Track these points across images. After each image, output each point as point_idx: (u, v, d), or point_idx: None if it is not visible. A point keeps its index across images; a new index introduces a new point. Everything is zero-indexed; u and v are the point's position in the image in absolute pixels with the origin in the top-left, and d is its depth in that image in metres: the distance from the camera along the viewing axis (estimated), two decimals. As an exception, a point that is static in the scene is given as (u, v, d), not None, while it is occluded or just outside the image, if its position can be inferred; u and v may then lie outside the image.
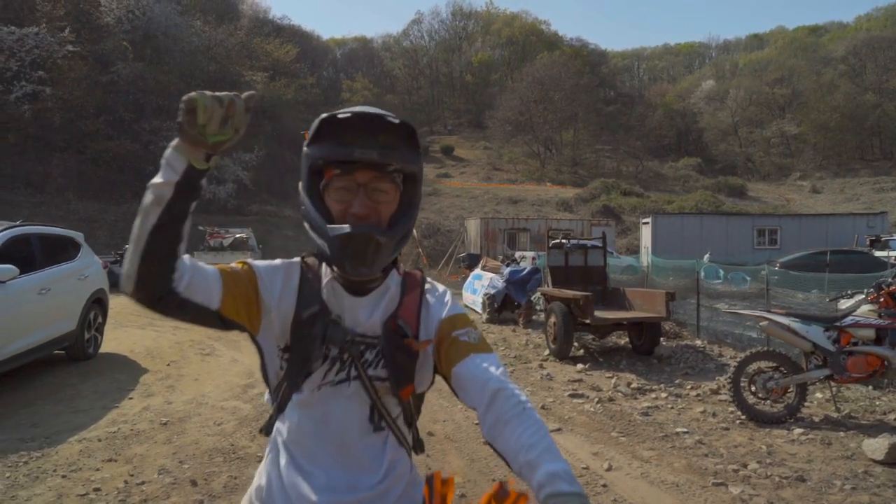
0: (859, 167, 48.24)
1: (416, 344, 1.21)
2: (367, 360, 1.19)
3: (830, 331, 5.09)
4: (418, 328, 1.23)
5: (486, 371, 1.14)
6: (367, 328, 1.20)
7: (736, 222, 25.49)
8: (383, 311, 1.22)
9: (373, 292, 1.23)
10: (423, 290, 1.29)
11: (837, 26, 66.72)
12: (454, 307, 1.28)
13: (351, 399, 1.19)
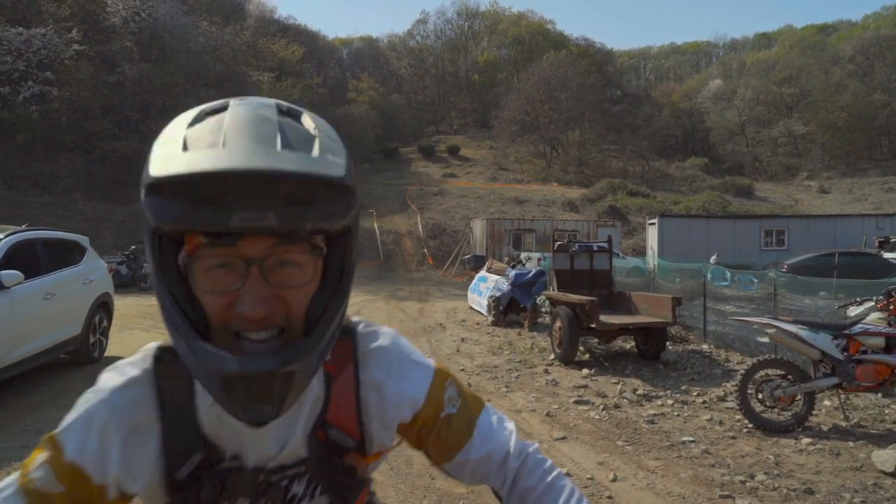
0: (868, 167, 47.93)
1: (363, 461, 0.89)
2: (295, 496, 0.85)
3: (839, 339, 5.02)
4: (362, 429, 0.87)
5: (498, 443, 0.93)
6: (286, 457, 0.83)
7: (743, 223, 25.38)
8: (304, 425, 0.84)
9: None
10: (358, 362, 0.89)
11: (846, 25, 66.32)
12: (421, 370, 0.92)
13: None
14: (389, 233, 28.44)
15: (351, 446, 0.86)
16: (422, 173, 44.99)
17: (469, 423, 0.92)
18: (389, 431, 0.90)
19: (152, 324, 11.04)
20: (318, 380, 0.85)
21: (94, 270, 7.56)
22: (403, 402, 0.89)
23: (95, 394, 0.80)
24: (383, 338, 0.92)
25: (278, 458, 0.82)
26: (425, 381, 0.91)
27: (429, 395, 0.90)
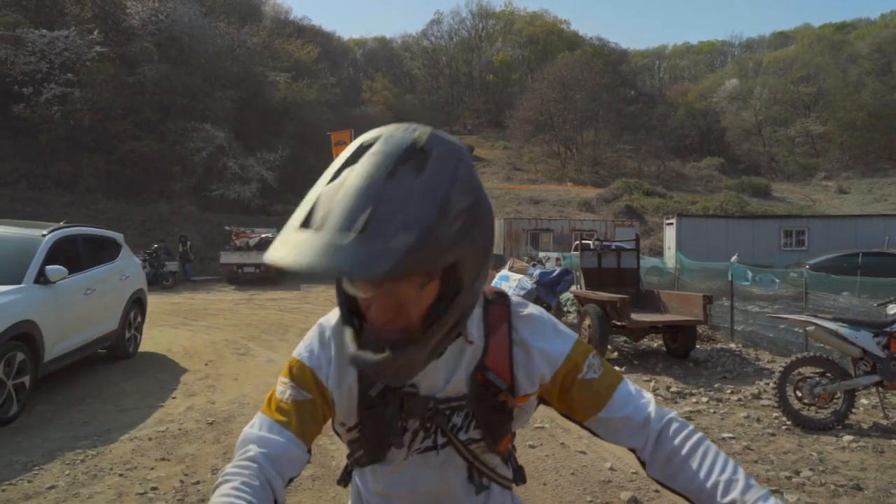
0: (888, 167, 47.34)
1: (513, 400, 1.05)
2: (455, 425, 1.05)
3: (880, 336, 5.01)
4: (512, 377, 1.05)
5: (637, 407, 1.04)
6: (450, 390, 1.03)
7: (762, 223, 25.20)
8: (467, 366, 1.03)
9: (449, 347, 0.99)
10: (511, 324, 1.07)
11: (864, 23, 65.59)
12: (563, 338, 1.08)
13: (443, 467, 1.07)
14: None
15: (503, 387, 1.04)
16: (436, 173, 44.93)
17: (608, 388, 1.05)
18: (532, 384, 1.06)
19: (180, 321, 11.19)
20: (479, 332, 1.05)
21: (130, 267, 7.69)
22: (544, 359, 1.05)
23: (320, 326, 1.09)
24: (532, 308, 1.12)
25: (444, 390, 1.03)
26: (566, 346, 1.07)
27: (567, 359, 1.06)
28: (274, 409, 1.02)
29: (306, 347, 1.06)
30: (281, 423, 1.00)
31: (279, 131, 30.80)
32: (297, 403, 1.02)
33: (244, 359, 7.86)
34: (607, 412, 1.04)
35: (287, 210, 28.95)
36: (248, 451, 0.97)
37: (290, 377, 1.04)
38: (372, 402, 1.03)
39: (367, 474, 1.13)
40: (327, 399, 1.04)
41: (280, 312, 12.67)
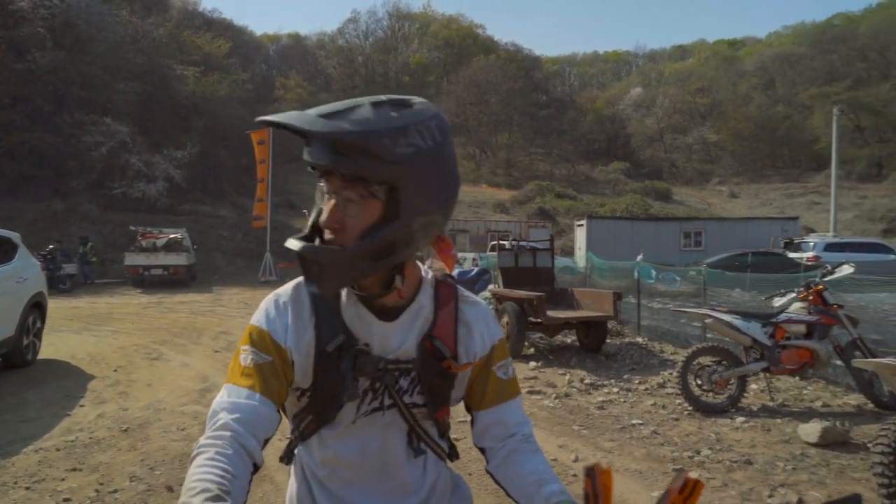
0: (771, 174, 51.53)
1: (456, 366, 1.15)
2: (401, 388, 1.13)
3: (767, 326, 5.53)
4: (456, 347, 1.16)
5: (517, 420, 1.19)
6: (401, 353, 1.12)
7: (664, 225, 26.76)
8: (417, 333, 1.14)
9: (404, 314, 1.13)
10: (458, 303, 1.20)
11: (752, 41, 70.93)
12: (496, 330, 1.22)
13: (387, 427, 1.15)
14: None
15: (448, 355, 1.14)
16: (353, 173, 44.58)
17: (512, 392, 1.21)
18: (469, 358, 1.18)
19: (82, 326, 10.56)
20: (430, 301, 1.16)
21: (28, 268, 7.20)
22: (481, 340, 1.19)
23: (275, 294, 1.15)
24: (476, 298, 1.25)
25: (395, 353, 1.12)
26: (496, 337, 1.22)
27: (493, 348, 1.20)
28: (238, 375, 1.06)
29: (262, 314, 1.12)
30: (247, 386, 1.04)
31: (188, 127, 29.49)
32: (259, 366, 1.06)
33: (157, 364, 7.54)
34: (496, 413, 1.18)
35: (197, 210, 27.93)
36: (217, 420, 1.00)
37: (249, 343, 1.09)
38: (327, 357, 1.09)
39: (312, 446, 1.17)
40: (287, 360, 1.09)
41: (192, 315, 12.19)
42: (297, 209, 30.73)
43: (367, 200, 1.00)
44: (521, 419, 1.20)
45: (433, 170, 1.00)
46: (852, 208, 37.55)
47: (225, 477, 0.90)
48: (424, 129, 0.99)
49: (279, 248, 25.11)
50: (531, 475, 1.09)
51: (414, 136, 0.98)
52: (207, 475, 0.89)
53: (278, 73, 56.11)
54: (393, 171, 0.96)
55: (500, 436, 1.18)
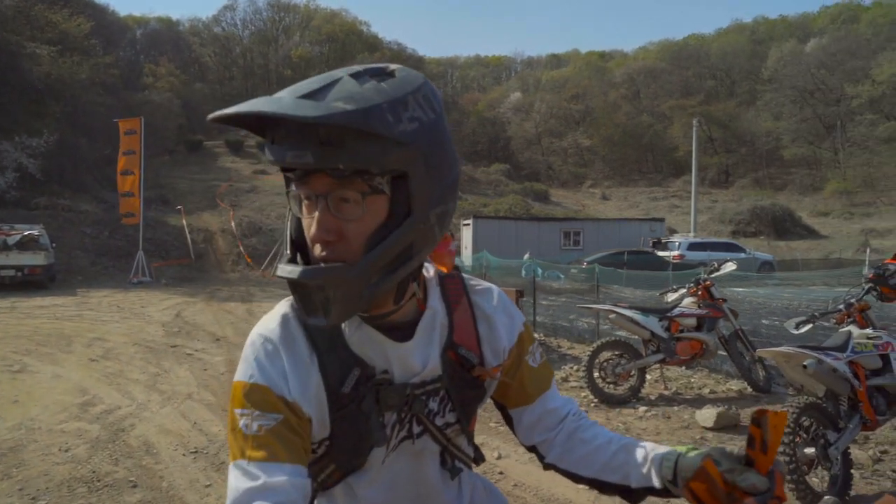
0: (638, 178, 55.58)
1: (485, 371, 1.02)
2: (431, 411, 0.99)
3: (663, 320, 5.92)
4: (481, 349, 1.03)
5: (561, 402, 1.10)
6: (426, 374, 0.96)
7: (546, 225, 27.98)
8: (438, 345, 0.98)
9: (419, 327, 0.97)
10: (471, 297, 1.06)
11: (620, 54, 76.12)
12: (517, 315, 1.10)
13: (418, 455, 1.01)
14: (200, 231, 26.48)
15: (475, 361, 1.01)
16: (230, 169, 42.46)
17: (548, 377, 1.11)
18: (497, 357, 1.04)
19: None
20: (443, 310, 1.01)
21: None
22: (506, 332, 1.05)
23: (259, 337, 0.93)
24: (485, 283, 1.10)
25: (421, 374, 0.96)
26: (519, 323, 1.09)
27: (519, 338, 1.08)
28: (250, 449, 0.85)
29: (251, 366, 0.91)
30: (267, 459, 0.84)
31: (43, 112, 26.56)
32: (273, 430, 0.86)
33: (21, 377, 6.70)
34: (543, 402, 1.08)
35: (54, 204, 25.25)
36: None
37: (248, 406, 0.88)
38: (344, 399, 0.92)
39: (335, 496, 1.00)
40: (301, 415, 0.90)
41: (56, 321, 10.99)
42: (171, 205, 28.75)
43: (369, 198, 0.82)
44: (564, 399, 1.11)
45: (440, 146, 0.85)
46: (706, 211, 41.37)
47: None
48: (422, 97, 0.84)
49: (152, 246, 23.33)
50: (610, 445, 1.01)
51: (414, 107, 0.82)
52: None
53: (147, 59, 52.21)
54: (401, 154, 0.80)
55: (552, 424, 1.08)
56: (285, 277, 0.83)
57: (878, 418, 3.82)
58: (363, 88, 0.80)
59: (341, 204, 0.83)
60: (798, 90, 48.60)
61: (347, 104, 0.76)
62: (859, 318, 4.15)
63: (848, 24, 56.61)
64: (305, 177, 0.83)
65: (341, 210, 0.83)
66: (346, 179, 0.81)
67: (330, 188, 0.82)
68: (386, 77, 0.84)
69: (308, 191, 0.84)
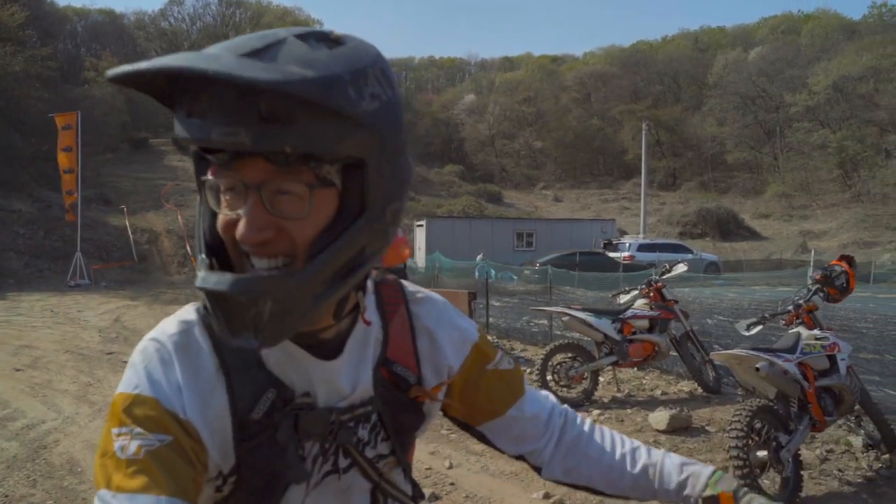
0: (589, 180, 56.47)
1: (424, 391, 0.89)
2: (360, 440, 0.85)
3: (616, 322, 5.89)
4: (419, 367, 0.90)
5: (542, 403, 0.99)
6: (355, 397, 0.83)
7: (499, 226, 28.11)
8: (370, 363, 0.85)
9: (349, 342, 0.82)
10: (410, 307, 0.92)
11: (572, 58, 77.25)
12: (467, 325, 0.96)
13: (345, 493, 0.86)
14: (144, 231, 25.51)
15: (413, 381, 0.88)
16: (177, 168, 41.10)
17: (521, 381, 0.98)
18: (440, 377, 0.91)
19: None
20: (377, 322, 0.87)
21: None
22: (452, 347, 0.92)
23: (153, 342, 0.78)
24: (427, 292, 0.96)
25: (349, 398, 0.82)
26: (472, 333, 0.96)
27: (475, 347, 0.94)
28: (123, 476, 0.68)
29: (139, 374, 0.75)
30: (141, 491, 0.66)
31: (-29, 106, 25.16)
32: (155, 454, 0.69)
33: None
34: (519, 409, 0.95)
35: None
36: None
37: (128, 422, 0.71)
38: (254, 428, 0.76)
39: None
40: (193, 436, 0.73)
41: (-19, 328, 10.31)
42: (113, 205, 27.59)
43: (316, 191, 0.67)
44: (543, 399, 1.00)
45: (398, 130, 0.70)
46: (655, 213, 42.37)
47: None
48: (380, 71, 0.69)
49: (92, 248, 22.31)
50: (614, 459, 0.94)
51: (373, 82, 0.67)
52: None
53: (88, 53, 50.14)
54: (359, 137, 0.65)
55: (538, 432, 0.97)
56: (212, 290, 0.65)
57: (826, 419, 3.84)
58: (317, 54, 0.64)
59: (278, 197, 0.66)
60: (741, 97, 50.26)
61: (305, 70, 0.61)
62: (807, 319, 4.19)
63: (787, 34, 58.98)
64: (233, 162, 0.66)
65: (278, 204, 0.67)
66: (289, 167, 0.65)
67: (266, 177, 0.66)
68: (334, 44, 0.68)
69: (234, 180, 0.67)
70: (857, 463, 4.19)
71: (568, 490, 3.79)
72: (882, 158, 40.54)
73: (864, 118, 43.46)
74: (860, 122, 43.59)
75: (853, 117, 43.98)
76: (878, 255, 27.31)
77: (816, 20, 59.70)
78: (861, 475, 4.01)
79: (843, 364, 4.00)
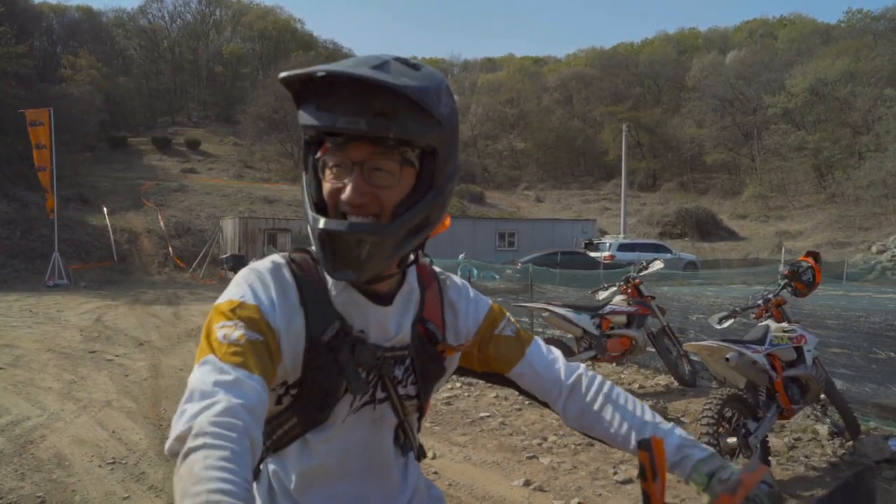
0: (571, 181, 56.90)
1: (448, 346, 1.10)
2: (395, 378, 1.04)
3: (595, 318, 6.04)
4: (444, 329, 1.11)
5: (549, 362, 1.16)
6: (397, 340, 1.03)
7: (482, 226, 28.25)
8: (411, 317, 1.06)
9: (398, 297, 1.04)
10: (440, 283, 1.15)
11: (554, 60, 77.80)
12: (482, 302, 1.18)
13: (376, 423, 1.05)
14: (123, 231, 25.25)
15: (441, 338, 1.10)
16: (157, 167, 40.81)
17: (521, 345, 1.17)
18: (459, 339, 1.13)
19: None
20: (416, 287, 1.09)
21: None
22: (469, 317, 1.14)
23: (254, 270, 0.99)
24: (454, 277, 1.20)
25: (392, 340, 1.03)
26: (486, 305, 1.18)
27: (487, 315, 1.17)
28: (225, 353, 0.85)
29: (244, 287, 0.95)
30: (241, 364, 0.84)
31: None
32: (252, 343, 0.88)
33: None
34: (521, 367, 1.14)
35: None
36: (217, 402, 0.78)
37: (234, 318, 0.90)
38: (321, 349, 0.96)
39: (288, 457, 1.02)
40: (276, 345, 0.93)
41: (-41, 328, 10.20)
42: (92, 204, 27.28)
43: (403, 168, 0.92)
44: (548, 361, 1.16)
45: (457, 132, 0.98)
46: (635, 214, 42.84)
47: (247, 488, 0.70)
48: (447, 89, 0.95)
49: (71, 248, 22.06)
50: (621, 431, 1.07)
51: (447, 96, 0.94)
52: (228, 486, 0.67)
53: (66, 50, 49.40)
54: (438, 133, 0.92)
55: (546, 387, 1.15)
56: (334, 230, 0.89)
57: (792, 407, 4.02)
58: (413, 72, 0.91)
59: (375, 172, 0.91)
60: (719, 99, 50.98)
61: (411, 81, 0.87)
62: (776, 312, 4.37)
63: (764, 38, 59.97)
64: (346, 144, 0.90)
65: (374, 177, 0.91)
66: (385, 150, 0.90)
67: (367, 157, 0.90)
68: (417, 68, 0.93)
69: (343, 158, 0.91)
70: (823, 450, 4.38)
71: (548, 478, 3.94)
72: (855, 160, 41.40)
73: (838, 120, 44.39)
74: (835, 124, 44.51)
75: (828, 119, 44.91)
76: (851, 254, 27.92)
77: (792, 24, 60.78)
78: (826, 461, 4.20)
79: (810, 355, 4.18)
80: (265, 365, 0.88)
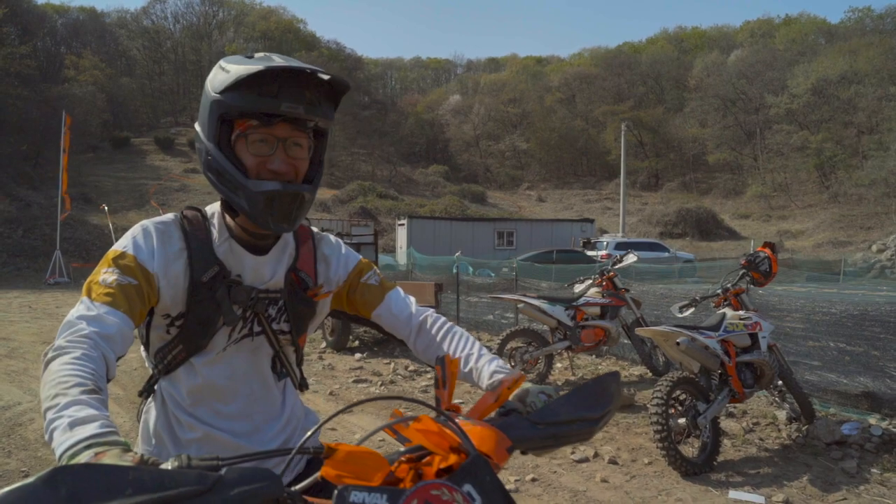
0: (573, 181, 56.99)
1: (318, 290, 1.30)
2: (269, 315, 1.24)
3: (569, 309, 6.19)
4: (316, 278, 1.32)
5: (403, 306, 1.37)
6: (271, 284, 1.24)
7: (481, 226, 28.39)
8: (284, 266, 1.26)
9: (273, 249, 1.24)
10: (315, 240, 1.35)
11: (556, 59, 77.85)
12: (352, 256, 1.39)
13: (255, 352, 1.25)
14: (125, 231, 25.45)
15: (311, 284, 1.30)
16: (159, 167, 41.11)
17: (382, 292, 1.38)
18: (330, 282, 1.35)
19: None
20: (291, 242, 1.30)
21: None
22: (340, 266, 1.36)
23: (140, 225, 1.20)
24: (329, 235, 1.42)
25: (266, 283, 1.24)
26: (354, 260, 1.40)
27: (356, 266, 1.39)
28: (98, 293, 1.07)
29: (128, 239, 1.16)
30: (108, 303, 1.06)
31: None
32: (123, 287, 1.09)
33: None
34: (381, 309, 1.36)
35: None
36: (78, 329, 0.99)
37: (113, 266, 1.11)
38: (201, 288, 1.17)
39: (178, 377, 1.22)
40: (152, 285, 1.14)
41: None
42: (94, 204, 27.54)
43: (310, 147, 1.18)
44: (404, 305, 1.37)
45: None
46: (636, 213, 42.92)
47: (96, 375, 0.91)
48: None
49: (72, 246, 22.31)
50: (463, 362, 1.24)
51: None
52: (78, 371, 0.89)
53: (69, 51, 49.78)
54: (332, 119, 1.17)
55: (401, 326, 1.35)
56: (288, 190, 1.11)
57: (745, 391, 4.17)
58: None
59: (293, 147, 1.14)
60: (721, 98, 50.98)
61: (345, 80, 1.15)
62: (734, 301, 4.51)
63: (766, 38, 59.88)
64: (273, 123, 1.10)
65: (292, 150, 1.14)
66: (303, 129, 1.14)
67: (289, 134, 1.13)
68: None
69: (268, 134, 1.11)
70: (779, 433, 4.52)
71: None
72: (859, 160, 41.34)
73: (842, 120, 44.30)
74: (839, 124, 44.42)
75: (832, 119, 44.81)
76: (851, 254, 27.92)
77: (795, 23, 60.64)
78: (779, 443, 4.34)
79: (765, 341, 4.33)
80: (132, 304, 1.09)
